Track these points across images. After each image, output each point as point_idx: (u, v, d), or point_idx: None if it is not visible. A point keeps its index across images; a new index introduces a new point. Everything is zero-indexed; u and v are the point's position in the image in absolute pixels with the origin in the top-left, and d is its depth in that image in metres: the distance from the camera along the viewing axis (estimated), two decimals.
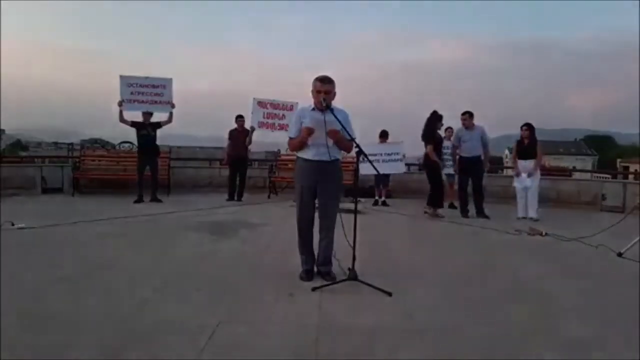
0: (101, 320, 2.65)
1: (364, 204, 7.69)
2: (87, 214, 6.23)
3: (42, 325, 2.58)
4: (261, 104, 8.75)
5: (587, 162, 53.83)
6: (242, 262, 4.12)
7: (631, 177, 17.26)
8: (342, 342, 2.45)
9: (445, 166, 7.69)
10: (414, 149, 8.96)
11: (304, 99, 4.04)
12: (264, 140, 10.10)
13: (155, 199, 7.98)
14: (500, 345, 2.48)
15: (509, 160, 24.30)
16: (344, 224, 3.49)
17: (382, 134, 8.97)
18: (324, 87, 3.43)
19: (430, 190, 7.14)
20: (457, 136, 7.44)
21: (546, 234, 5.68)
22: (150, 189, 8.01)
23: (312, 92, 3.49)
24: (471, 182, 7.31)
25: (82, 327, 2.54)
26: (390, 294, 3.16)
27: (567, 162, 47.60)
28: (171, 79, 8.51)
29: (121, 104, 8.07)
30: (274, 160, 11.46)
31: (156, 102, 8.36)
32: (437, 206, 7.13)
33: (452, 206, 7.93)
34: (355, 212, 3.39)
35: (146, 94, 8.32)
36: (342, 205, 3.63)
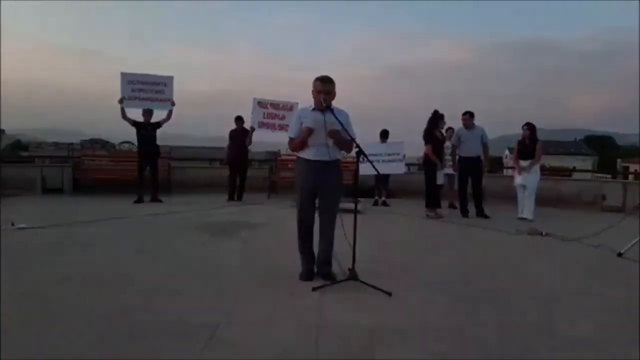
0: (101, 320, 2.65)
1: (364, 204, 7.69)
2: (87, 214, 6.24)
3: (42, 325, 2.58)
4: (261, 104, 8.75)
5: (587, 162, 53.81)
6: (242, 262, 4.12)
7: (631, 177, 17.25)
8: (342, 342, 2.45)
9: (445, 166, 7.69)
10: (414, 149, 8.96)
11: (304, 99, 4.05)
12: (264, 140, 10.09)
13: (155, 199, 7.98)
14: (500, 345, 2.48)
15: (509, 160, 24.30)
16: (344, 224, 3.50)
17: (383, 133, 8.96)
18: (324, 87, 3.43)
19: (425, 191, 7.14)
20: (457, 136, 7.45)
21: (546, 234, 5.69)
22: (150, 189, 8.02)
23: (313, 93, 3.49)
24: (471, 182, 7.32)
25: (82, 327, 2.54)
26: (390, 294, 3.16)
27: (567, 162, 47.57)
28: (172, 77, 8.45)
29: (122, 101, 8.03)
30: (274, 160, 11.46)
31: (157, 99, 8.29)
32: (436, 206, 7.14)
33: (452, 206, 7.94)
34: (355, 212, 3.39)
35: (147, 91, 8.24)
36: (342, 205, 3.63)
